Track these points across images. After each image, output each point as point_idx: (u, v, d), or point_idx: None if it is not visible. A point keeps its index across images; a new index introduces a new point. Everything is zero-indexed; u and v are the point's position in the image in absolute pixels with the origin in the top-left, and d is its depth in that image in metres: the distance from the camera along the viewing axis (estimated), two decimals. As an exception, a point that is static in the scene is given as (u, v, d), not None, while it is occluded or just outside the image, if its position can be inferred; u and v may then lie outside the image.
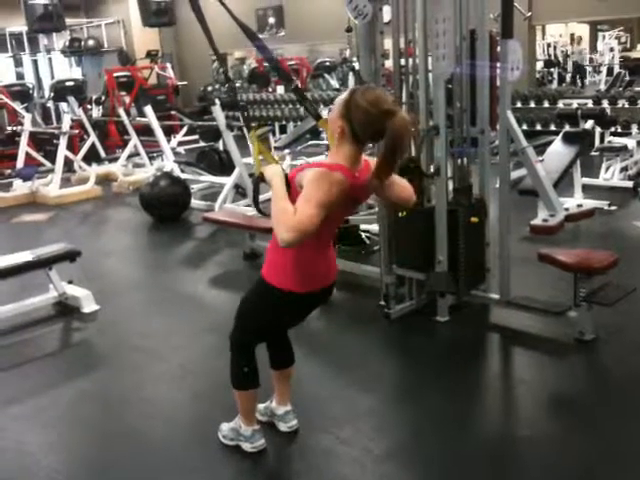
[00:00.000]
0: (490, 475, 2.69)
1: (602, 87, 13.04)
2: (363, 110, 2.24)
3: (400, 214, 4.02)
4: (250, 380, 2.72)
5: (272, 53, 3.13)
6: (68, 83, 11.21)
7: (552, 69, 16.78)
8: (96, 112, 12.48)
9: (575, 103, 9.68)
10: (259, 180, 2.47)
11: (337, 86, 13.14)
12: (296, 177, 2.34)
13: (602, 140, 8.74)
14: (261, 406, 2.98)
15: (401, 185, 2.48)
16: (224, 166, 8.28)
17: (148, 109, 8.46)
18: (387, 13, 4.14)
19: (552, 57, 17.64)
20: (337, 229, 2.56)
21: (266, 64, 13.17)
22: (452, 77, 3.88)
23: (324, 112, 7.74)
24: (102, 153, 9.90)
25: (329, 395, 3.31)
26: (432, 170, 3.88)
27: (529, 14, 7.27)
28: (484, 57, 3.83)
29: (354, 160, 2.34)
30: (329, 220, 2.31)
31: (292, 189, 2.32)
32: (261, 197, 2.57)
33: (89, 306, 4.57)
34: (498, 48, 3.81)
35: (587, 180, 6.99)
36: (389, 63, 4.24)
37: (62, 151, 8.51)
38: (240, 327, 2.70)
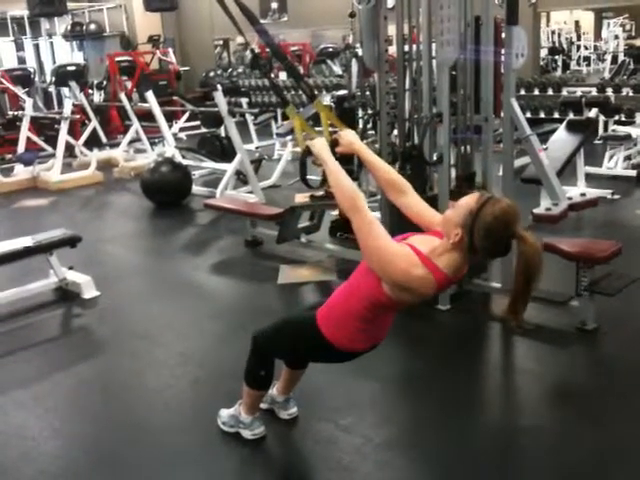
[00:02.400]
0: (491, 465, 2.68)
1: (606, 75, 12.97)
2: (490, 228, 2.03)
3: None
4: (264, 383, 2.72)
5: (271, 36, 3.06)
6: (70, 68, 11.13)
7: (556, 56, 16.70)
8: (97, 97, 12.44)
9: (579, 91, 9.63)
10: (305, 154, 2.43)
11: (340, 72, 13.06)
12: None
13: (606, 129, 8.70)
14: (262, 393, 2.98)
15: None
16: (225, 152, 8.25)
17: (150, 94, 8.41)
18: (391, -2, 4.11)
19: (556, 44, 17.55)
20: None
21: (268, 50, 13.10)
22: (456, 64, 3.85)
23: (327, 98, 7.71)
24: (103, 138, 9.87)
25: (330, 383, 3.30)
26: (435, 158, 3.86)
27: (534, 0, 7.17)
28: (489, 44, 3.80)
29: (459, 268, 2.18)
30: (398, 304, 2.25)
31: None
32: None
33: (90, 292, 4.56)
34: (503, 35, 3.78)
35: (590, 169, 6.95)
36: (393, 49, 4.21)
37: (63, 136, 8.47)
38: (270, 340, 2.63)
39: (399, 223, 4.07)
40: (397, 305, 2.28)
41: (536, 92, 10.52)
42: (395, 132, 4.47)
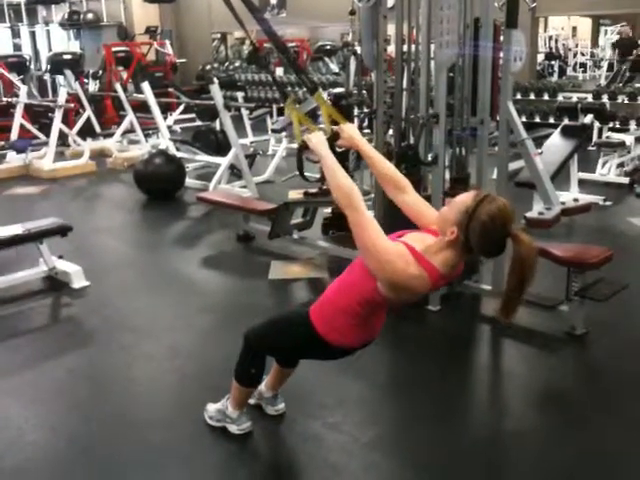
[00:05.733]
0: (477, 468, 2.69)
1: (602, 82, 13.02)
2: (486, 227, 2.02)
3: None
4: (254, 380, 2.72)
5: (272, 26, 3.03)
6: (65, 56, 11.09)
7: (553, 62, 16.75)
8: (93, 86, 12.37)
9: (575, 97, 9.66)
10: (302, 149, 2.41)
11: (337, 70, 13.04)
12: None
13: (600, 135, 8.73)
14: (250, 389, 2.97)
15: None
16: (220, 146, 8.22)
17: (145, 85, 8.38)
18: (391, -2, 4.09)
19: (554, 50, 17.61)
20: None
21: (266, 45, 13.05)
22: (454, 65, 3.85)
23: (323, 95, 7.68)
24: (97, 128, 9.81)
25: (319, 381, 3.30)
26: (430, 158, 3.86)
27: (534, 4, 7.15)
28: (487, 46, 3.79)
29: (454, 267, 2.15)
30: (390, 299, 2.21)
31: None
32: None
33: (79, 282, 4.54)
34: (501, 38, 3.78)
35: (583, 175, 6.98)
36: (391, 48, 4.20)
37: (57, 124, 8.43)
38: (262, 337, 2.62)
39: (392, 221, 4.07)
40: (391, 303, 2.28)
41: (532, 96, 10.55)
42: (391, 131, 4.47)
